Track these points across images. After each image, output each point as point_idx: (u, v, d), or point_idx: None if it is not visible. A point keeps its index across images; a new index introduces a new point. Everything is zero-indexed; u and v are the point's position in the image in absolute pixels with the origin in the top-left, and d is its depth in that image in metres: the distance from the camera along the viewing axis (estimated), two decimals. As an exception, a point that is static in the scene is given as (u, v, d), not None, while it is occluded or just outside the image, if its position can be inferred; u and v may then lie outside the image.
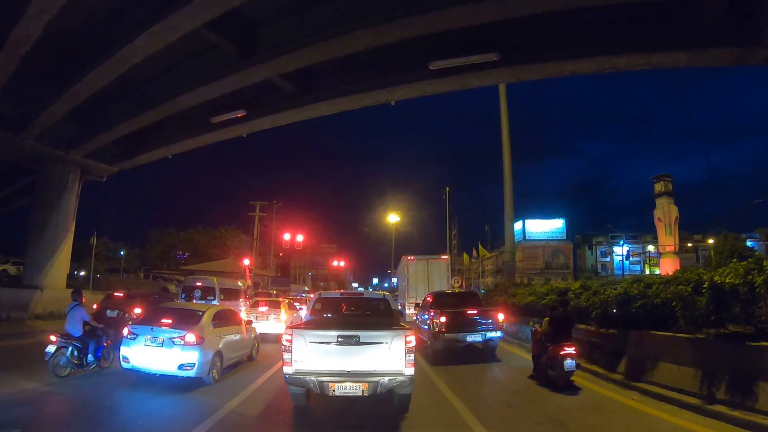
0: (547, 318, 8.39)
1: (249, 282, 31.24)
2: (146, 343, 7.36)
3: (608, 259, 66.92)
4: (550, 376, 7.80)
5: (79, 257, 29.79)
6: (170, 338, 7.31)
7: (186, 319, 7.84)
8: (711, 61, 9.72)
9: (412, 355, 5.65)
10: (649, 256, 53.89)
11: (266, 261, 47.90)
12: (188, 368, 7.19)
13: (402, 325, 6.36)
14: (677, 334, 6.98)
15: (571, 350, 7.55)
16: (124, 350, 7.46)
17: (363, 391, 5.48)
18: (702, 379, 6.25)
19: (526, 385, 8.03)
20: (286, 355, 5.64)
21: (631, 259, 57.41)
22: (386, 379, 5.52)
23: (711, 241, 48.31)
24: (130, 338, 7.49)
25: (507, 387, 8.14)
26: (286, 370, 5.63)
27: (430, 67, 10.03)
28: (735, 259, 6.97)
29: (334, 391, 5.48)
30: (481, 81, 11.36)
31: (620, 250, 58.67)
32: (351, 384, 5.49)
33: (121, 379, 7.60)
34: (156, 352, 7.29)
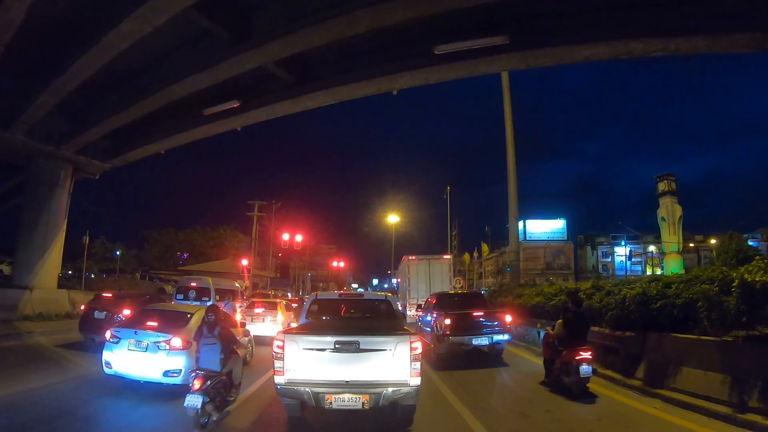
0: (560, 320, 7.84)
1: (247, 283, 30.76)
2: (129, 348, 6.81)
3: (609, 259, 66.53)
4: (564, 383, 7.25)
5: (73, 257, 29.29)
6: (155, 342, 6.76)
7: (173, 322, 7.28)
8: (730, 47, 9.22)
9: (419, 363, 5.06)
10: (651, 257, 53.47)
11: (265, 261, 47.42)
12: (174, 375, 6.63)
13: (406, 329, 5.77)
14: (702, 337, 6.48)
15: (587, 355, 6.99)
16: (106, 355, 6.92)
17: (363, 403, 4.90)
18: (732, 386, 5.74)
19: (538, 393, 7.48)
20: (277, 363, 5.04)
21: (632, 259, 57.08)
22: (389, 390, 4.93)
23: (713, 241, 48.00)
24: (113, 342, 6.94)
25: (518, 395, 7.58)
26: (278, 379, 5.04)
27: (435, 52, 9.41)
28: (758, 257, 6.64)
29: (331, 403, 4.90)
30: (489, 67, 10.77)
31: (622, 251, 58.32)
32: (350, 396, 4.92)
33: (102, 386, 7.04)
34: (140, 357, 6.73)
